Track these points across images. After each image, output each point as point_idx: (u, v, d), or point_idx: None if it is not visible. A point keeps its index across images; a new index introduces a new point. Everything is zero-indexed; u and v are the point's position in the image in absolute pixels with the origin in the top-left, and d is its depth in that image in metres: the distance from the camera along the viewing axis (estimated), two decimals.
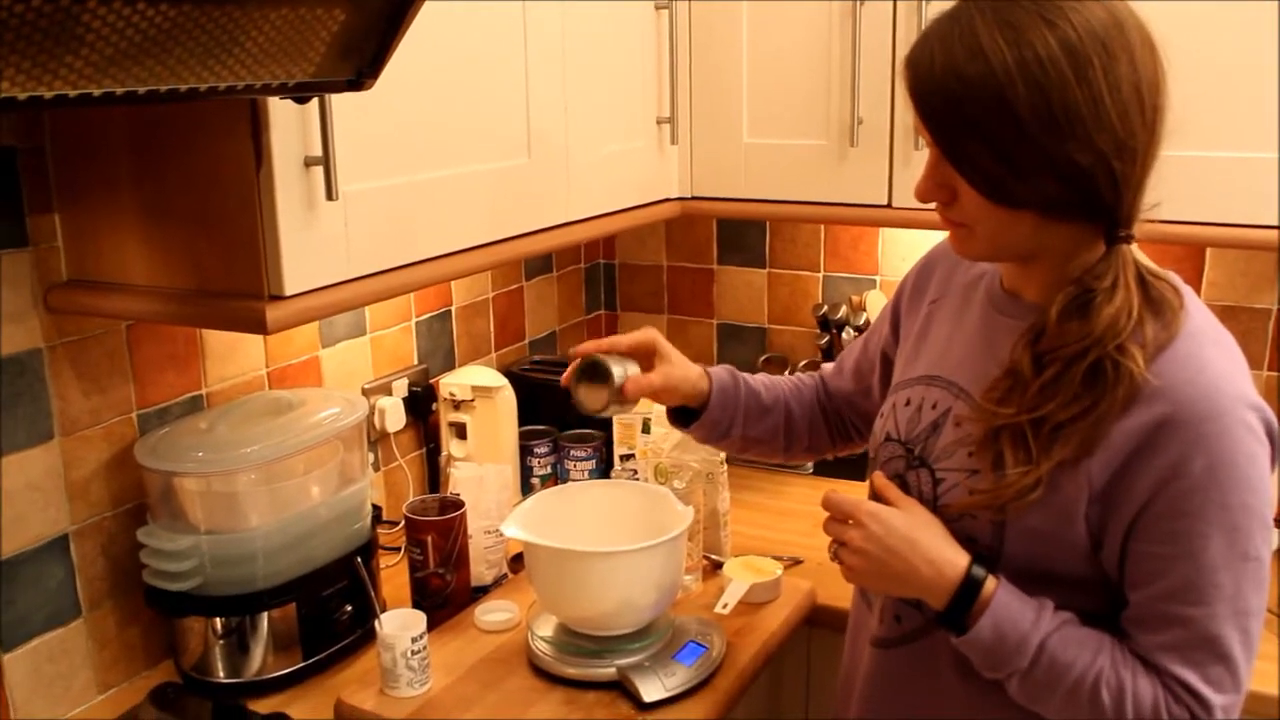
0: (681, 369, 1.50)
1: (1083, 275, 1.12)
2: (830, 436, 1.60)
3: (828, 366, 1.63)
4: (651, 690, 1.48)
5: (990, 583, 1.15)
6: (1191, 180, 1.75)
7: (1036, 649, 1.13)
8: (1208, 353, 1.10)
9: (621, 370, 1.44)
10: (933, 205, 1.18)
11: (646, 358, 1.49)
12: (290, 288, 1.32)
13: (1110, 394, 1.09)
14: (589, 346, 1.48)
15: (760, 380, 1.57)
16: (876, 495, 1.28)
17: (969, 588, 1.15)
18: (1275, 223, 1.72)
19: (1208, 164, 1.74)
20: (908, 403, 1.32)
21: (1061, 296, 1.13)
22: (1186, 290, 1.16)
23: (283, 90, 1.12)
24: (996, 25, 1.06)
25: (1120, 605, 1.16)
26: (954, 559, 1.17)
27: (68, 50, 0.87)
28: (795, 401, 1.58)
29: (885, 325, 1.49)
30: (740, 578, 1.75)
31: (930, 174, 1.15)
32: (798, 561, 1.93)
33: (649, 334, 1.50)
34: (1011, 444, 1.14)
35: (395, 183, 1.46)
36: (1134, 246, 1.12)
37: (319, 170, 1.32)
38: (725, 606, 1.70)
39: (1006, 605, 1.14)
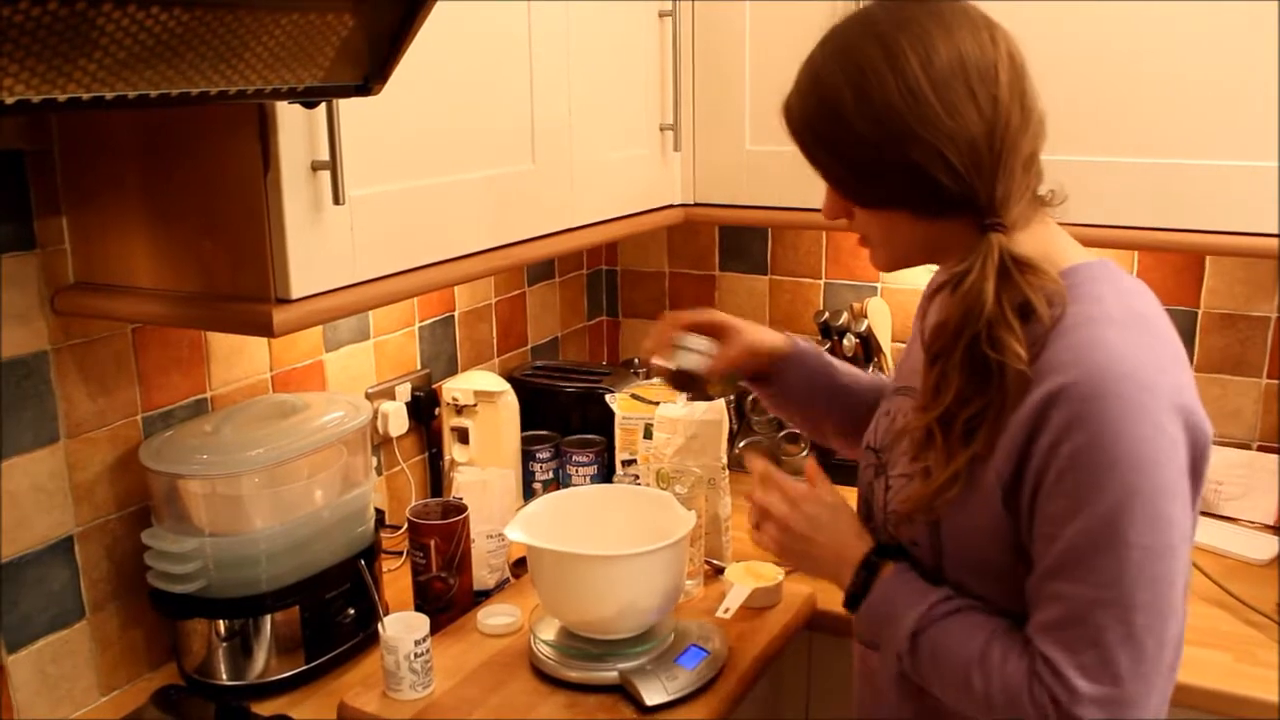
0: (755, 332, 1.55)
1: (946, 267, 1.16)
2: None
3: None
4: (653, 693, 1.48)
5: (889, 567, 1.23)
6: (1190, 188, 1.76)
7: (913, 629, 1.17)
8: (1106, 335, 1.09)
9: (701, 359, 1.49)
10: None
11: (716, 335, 1.53)
12: (297, 291, 1.33)
13: (1000, 386, 1.10)
14: (657, 345, 1.53)
15: (843, 365, 1.60)
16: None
17: (866, 570, 1.24)
18: (1274, 230, 1.73)
19: (1206, 172, 1.75)
20: (888, 413, 1.36)
21: (933, 290, 1.18)
22: (1106, 274, 1.16)
23: (292, 95, 1.13)
24: (832, 50, 1.17)
25: None
26: (857, 545, 1.26)
27: (81, 54, 0.88)
28: (870, 393, 1.56)
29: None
30: (742, 583, 1.76)
31: (827, 196, 1.25)
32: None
33: (710, 314, 1.55)
34: (932, 445, 1.16)
35: (401, 187, 1.46)
36: (1006, 236, 1.12)
37: (326, 175, 1.33)
38: (727, 611, 1.70)
39: (895, 586, 1.21)
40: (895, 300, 2.39)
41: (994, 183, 1.11)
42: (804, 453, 2.35)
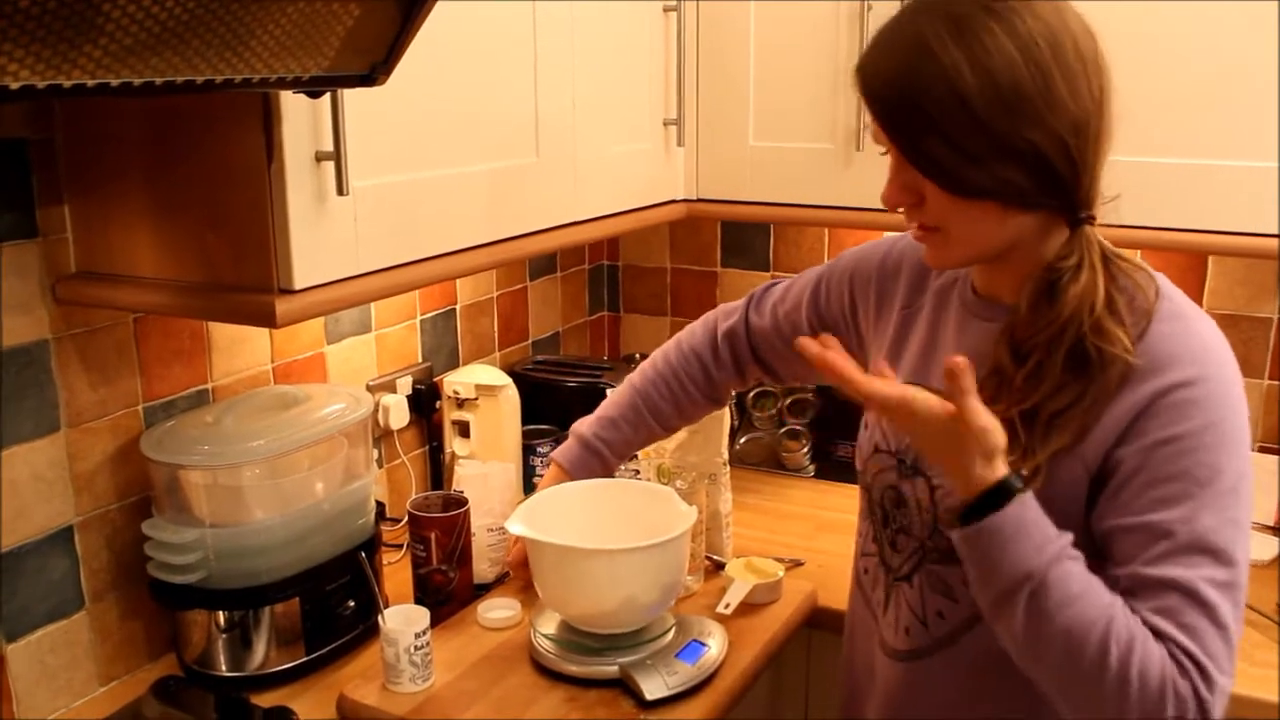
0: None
1: (1050, 261, 1.13)
2: (737, 382, 1.70)
3: (749, 306, 1.68)
4: (654, 688, 1.48)
5: (1025, 492, 1.07)
6: (1192, 188, 1.76)
7: (1053, 557, 1.05)
8: (1195, 327, 1.12)
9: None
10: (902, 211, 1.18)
11: None
12: (300, 282, 1.33)
13: (1101, 377, 1.09)
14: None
15: (624, 424, 1.67)
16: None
17: (1005, 485, 1.06)
18: (1275, 231, 1.72)
19: (1208, 172, 1.75)
20: None
21: (1030, 284, 1.14)
22: (1160, 276, 1.17)
23: (297, 84, 1.13)
24: (941, 22, 1.07)
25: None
26: (999, 461, 1.07)
27: (87, 40, 0.88)
28: (671, 408, 1.68)
29: (828, 298, 1.50)
30: (742, 579, 1.76)
31: (894, 178, 1.15)
32: (799, 563, 1.93)
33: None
34: (1011, 440, 1.10)
35: (405, 179, 1.46)
36: (1097, 230, 1.13)
37: (330, 165, 1.33)
38: (727, 607, 1.70)
39: (1036, 508, 1.07)
40: None
41: (1095, 173, 1.11)
42: (805, 450, 2.35)
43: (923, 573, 1.29)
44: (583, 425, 1.68)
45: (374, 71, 1.19)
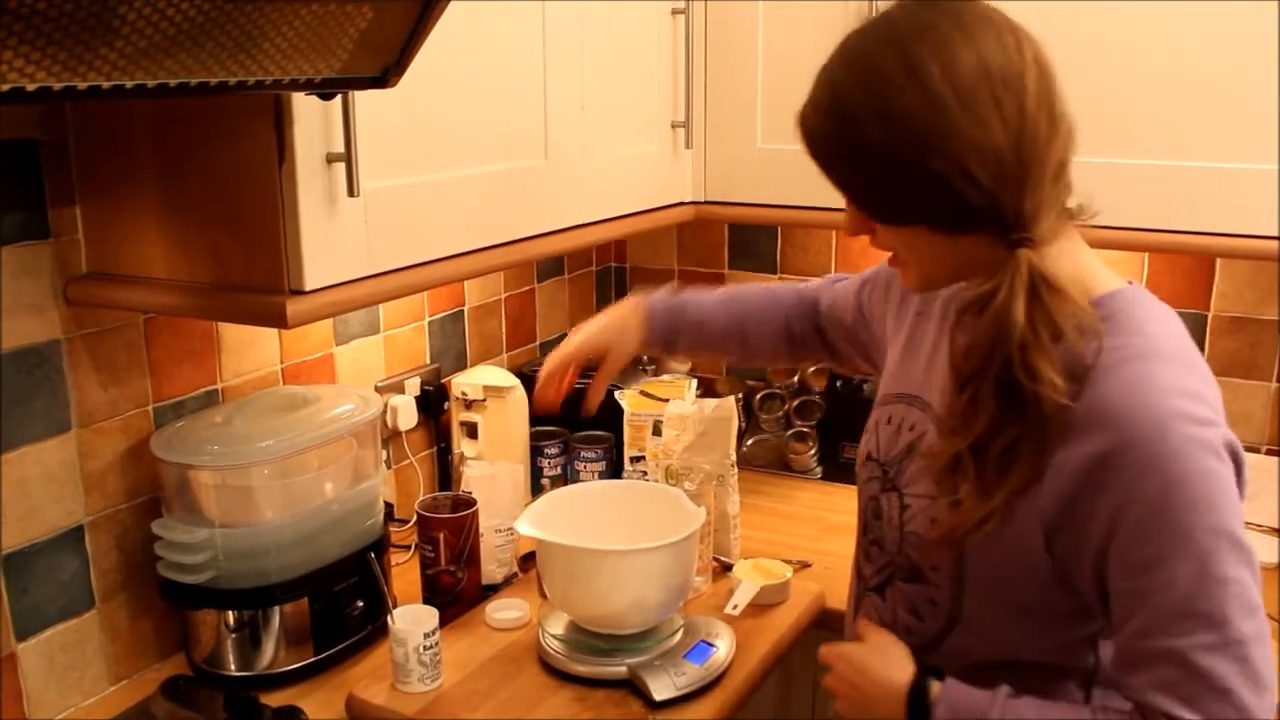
0: (621, 349, 1.65)
1: (972, 284, 1.10)
2: (805, 348, 1.69)
3: (825, 283, 1.68)
4: (662, 689, 1.48)
5: (937, 684, 1.17)
6: (1198, 190, 1.76)
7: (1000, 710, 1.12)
8: (1154, 371, 1.06)
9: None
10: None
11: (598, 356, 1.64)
12: (310, 283, 1.33)
13: (1038, 417, 1.06)
14: (549, 398, 1.67)
15: (714, 304, 1.66)
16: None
17: (916, 693, 1.18)
18: (1276, 233, 1.73)
19: (1214, 175, 1.75)
20: (889, 420, 1.32)
21: (961, 310, 1.11)
22: (1142, 300, 1.13)
23: (310, 86, 1.13)
24: (846, 60, 1.11)
25: (1099, 632, 1.15)
26: (900, 677, 1.20)
27: (103, 42, 0.88)
28: (756, 321, 1.66)
29: (871, 292, 1.54)
30: (750, 579, 1.76)
31: (848, 212, 1.18)
32: (806, 565, 1.93)
33: (578, 346, 1.64)
34: (964, 473, 1.12)
35: (415, 181, 1.47)
36: (1035, 253, 1.06)
37: (341, 167, 1.33)
38: (735, 608, 1.70)
39: (957, 690, 1.16)
40: None
41: (1020, 196, 1.05)
42: (812, 451, 2.35)
43: (892, 588, 1.30)
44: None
45: (386, 73, 1.20)
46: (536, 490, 2.15)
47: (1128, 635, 1.07)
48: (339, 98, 1.29)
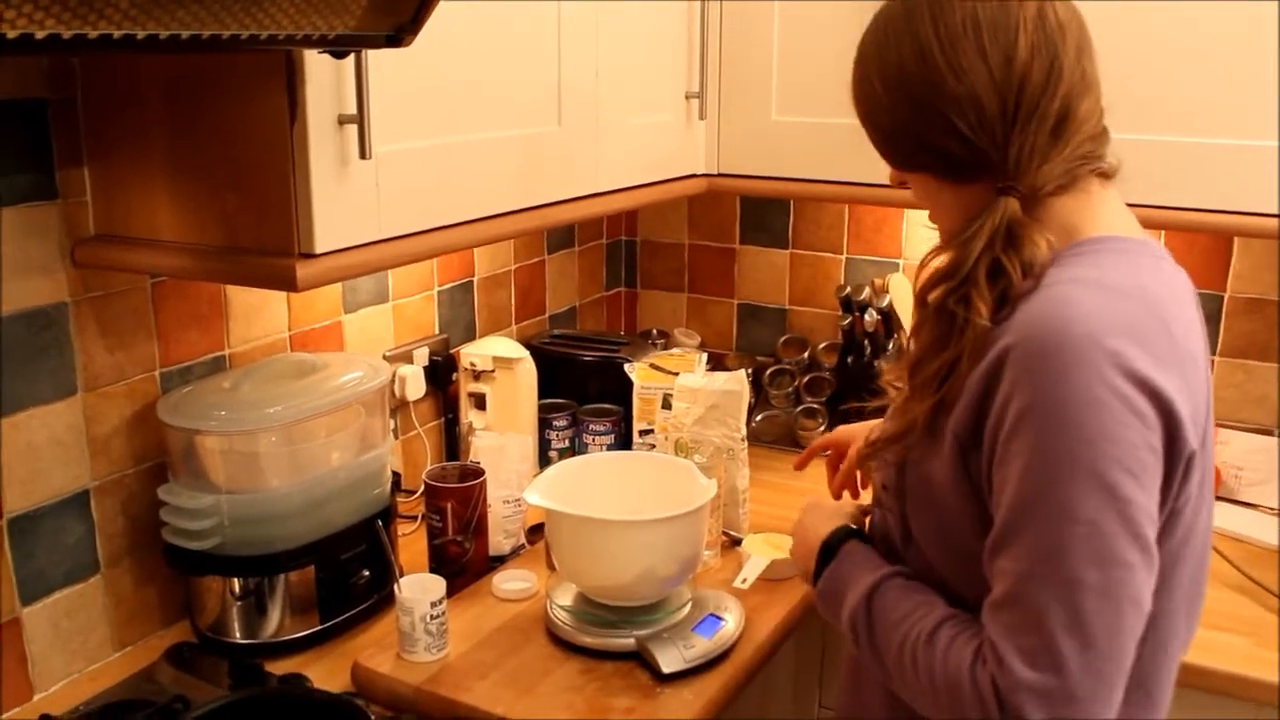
0: None
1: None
2: None
3: None
4: (670, 661, 1.47)
5: (850, 543, 1.25)
6: (1216, 168, 1.74)
7: (865, 594, 1.16)
8: (1075, 294, 1.02)
9: None
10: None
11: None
12: (321, 246, 1.32)
13: (957, 340, 1.07)
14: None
15: None
16: None
17: (828, 545, 1.26)
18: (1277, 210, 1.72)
19: (1232, 152, 1.73)
20: None
21: (934, 246, 1.16)
22: (1134, 250, 1.11)
23: (323, 43, 1.11)
24: (876, 15, 1.16)
25: None
26: (822, 531, 1.28)
27: None
28: None
29: None
30: (760, 553, 1.75)
31: None
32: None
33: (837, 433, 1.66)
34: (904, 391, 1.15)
35: (427, 144, 1.45)
36: (1022, 201, 1.08)
37: (353, 129, 1.31)
38: (745, 581, 1.69)
39: (853, 558, 1.22)
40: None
41: (1006, 146, 1.07)
42: (821, 428, 2.33)
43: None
44: None
45: (400, 32, 1.18)
46: (544, 462, 2.13)
47: (986, 550, 1.04)
48: (351, 58, 1.27)
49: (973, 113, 1.07)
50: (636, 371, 2.07)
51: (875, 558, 1.21)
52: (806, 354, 2.48)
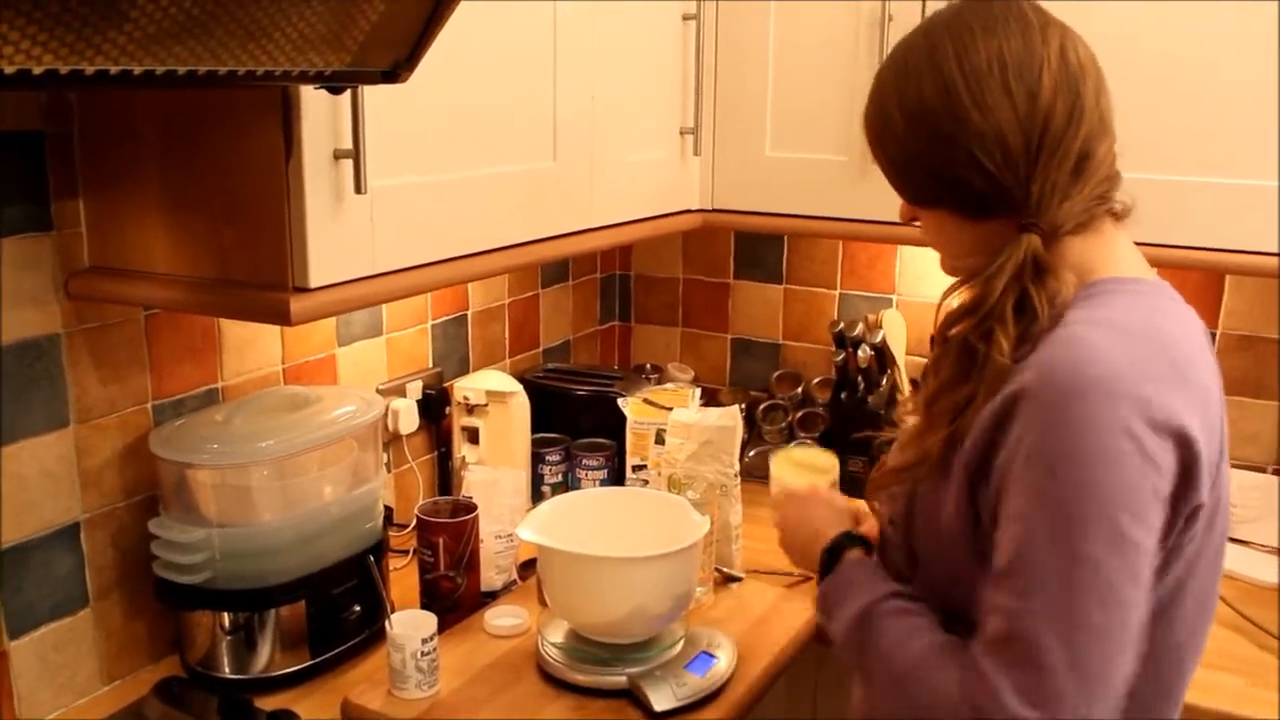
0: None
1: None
2: None
3: None
4: (663, 699, 1.47)
5: (854, 552, 1.25)
6: (1208, 206, 1.75)
7: (859, 613, 1.15)
8: (1091, 336, 1.03)
9: None
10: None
11: None
12: (315, 280, 1.32)
13: (977, 375, 1.07)
14: None
15: None
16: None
17: (831, 553, 1.27)
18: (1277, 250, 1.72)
19: (1225, 191, 1.74)
20: None
21: (955, 282, 1.16)
22: (1147, 291, 1.11)
23: (320, 79, 1.12)
24: (892, 53, 1.17)
25: None
26: (830, 532, 1.29)
27: (111, 25, 0.87)
28: None
29: None
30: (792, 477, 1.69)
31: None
32: (809, 577, 1.91)
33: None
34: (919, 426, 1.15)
35: (423, 180, 1.45)
36: (1044, 239, 1.09)
37: (348, 163, 1.31)
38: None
39: (855, 570, 1.23)
40: (911, 312, 2.38)
41: (1029, 182, 1.08)
42: None
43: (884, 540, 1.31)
44: None
45: (397, 68, 1.19)
46: (537, 497, 2.13)
47: (984, 584, 1.03)
48: (348, 93, 1.28)
49: (997, 148, 1.07)
50: (630, 406, 2.06)
51: (875, 574, 1.21)
52: (800, 389, 2.48)
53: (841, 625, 1.18)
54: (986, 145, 1.07)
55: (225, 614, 1.56)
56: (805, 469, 1.74)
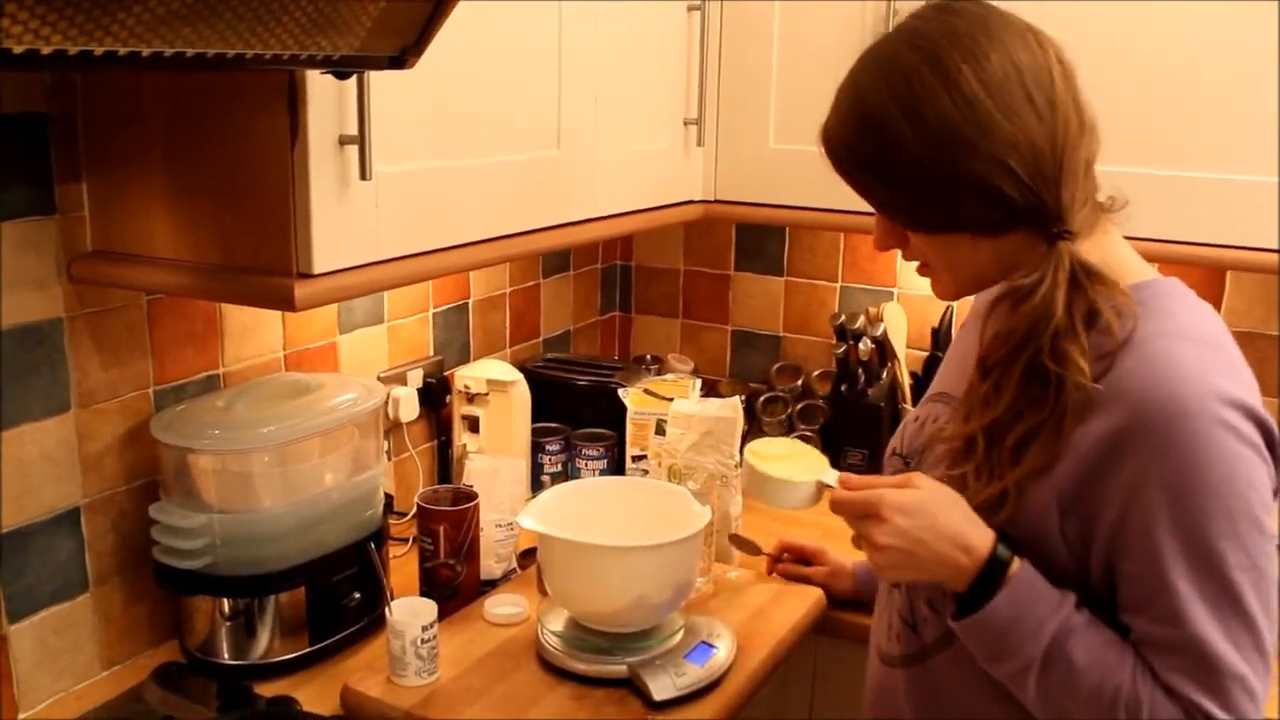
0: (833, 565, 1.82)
1: (1013, 278, 1.11)
2: None
3: None
4: (662, 689, 1.46)
5: (1016, 563, 1.10)
6: (1209, 202, 1.75)
7: (1052, 638, 1.07)
8: (1179, 350, 1.05)
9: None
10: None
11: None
12: (319, 266, 1.31)
13: (1058, 402, 1.06)
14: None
15: None
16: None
17: (993, 568, 1.09)
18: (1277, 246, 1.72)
19: (1223, 186, 1.74)
20: (917, 419, 1.33)
21: (995, 300, 1.13)
22: (1177, 290, 1.13)
23: (327, 63, 1.11)
24: (872, 67, 1.12)
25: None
26: (975, 538, 1.10)
27: (121, 6, 0.86)
28: None
29: None
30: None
31: (877, 225, 1.19)
32: (780, 558, 1.91)
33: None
34: (973, 456, 1.12)
35: (427, 166, 1.45)
36: (1074, 245, 1.08)
37: (354, 149, 1.31)
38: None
39: (1029, 585, 1.09)
40: (911, 306, 2.38)
41: (1059, 189, 1.07)
42: None
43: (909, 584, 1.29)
44: None
45: (404, 54, 1.18)
46: (537, 486, 2.12)
47: (1147, 620, 1.06)
48: (354, 79, 1.28)
49: (1030, 155, 1.06)
50: (630, 397, 2.06)
51: (1046, 584, 1.10)
52: (800, 381, 2.48)
53: (1035, 649, 1.08)
54: (1020, 153, 1.06)
55: (225, 600, 1.56)
56: (781, 459, 1.70)
